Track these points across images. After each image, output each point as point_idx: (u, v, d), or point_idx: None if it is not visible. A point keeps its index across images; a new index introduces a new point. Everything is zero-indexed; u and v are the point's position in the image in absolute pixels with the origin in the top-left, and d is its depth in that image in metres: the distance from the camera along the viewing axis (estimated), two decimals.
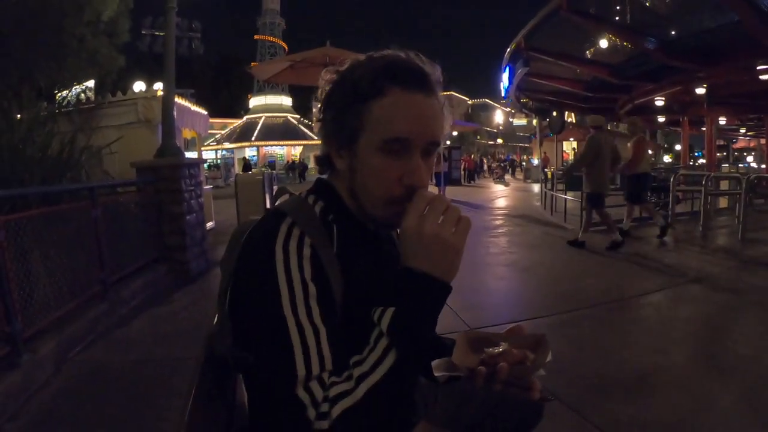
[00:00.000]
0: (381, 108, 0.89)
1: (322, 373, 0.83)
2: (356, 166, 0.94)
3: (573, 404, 2.53)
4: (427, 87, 0.91)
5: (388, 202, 0.92)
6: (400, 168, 0.90)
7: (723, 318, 3.93)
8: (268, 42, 46.34)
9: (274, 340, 0.84)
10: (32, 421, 2.58)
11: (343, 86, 0.94)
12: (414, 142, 0.90)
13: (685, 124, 19.59)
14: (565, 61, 15.04)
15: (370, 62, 0.93)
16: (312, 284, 0.86)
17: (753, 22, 9.43)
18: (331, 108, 0.95)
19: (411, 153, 0.90)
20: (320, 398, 0.80)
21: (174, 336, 3.79)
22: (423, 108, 0.90)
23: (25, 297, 3.16)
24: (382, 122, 0.89)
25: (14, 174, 3.92)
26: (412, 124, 0.89)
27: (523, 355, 0.89)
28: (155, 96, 7.31)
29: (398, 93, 0.89)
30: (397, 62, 0.91)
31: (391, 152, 0.90)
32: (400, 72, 0.90)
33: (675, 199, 8.62)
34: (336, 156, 0.97)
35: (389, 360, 0.82)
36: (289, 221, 0.91)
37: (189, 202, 5.76)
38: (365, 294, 0.92)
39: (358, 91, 0.90)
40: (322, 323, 0.84)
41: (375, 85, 0.89)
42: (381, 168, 0.90)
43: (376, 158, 0.90)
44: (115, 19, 8.46)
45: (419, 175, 0.91)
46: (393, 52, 0.94)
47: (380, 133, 0.89)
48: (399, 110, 0.89)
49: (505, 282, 5.31)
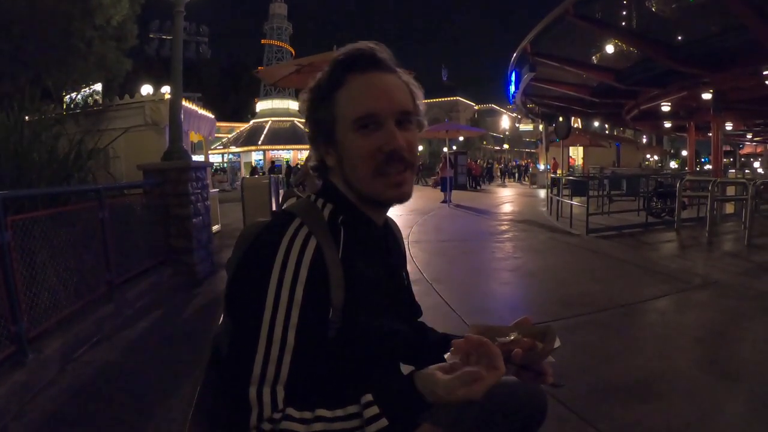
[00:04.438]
0: (345, 94, 0.96)
1: (276, 385, 0.83)
2: (341, 154, 0.98)
3: (578, 409, 2.52)
4: (382, 66, 0.98)
5: (375, 174, 0.96)
6: (377, 139, 0.95)
7: (729, 324, 3.90)
8: (275, 46, 46.60)
9: (244, 335, 0.87)
10: (37, 420, 2.59)
11: (313, 93, 1.02)
12: (382, 114, 0.95)
13: (691, 130, 19.52)
14: (571, 66, 15.02)
15: (330, 63, 1.00)
16: (301, 291, 0.87)
17: (759, 27, 9.39)
18: (310, 116, 1.02)
19: (384, 125, 0.95)
20: (266, 415, 0.81)
21: (179, 338, 3.80)
22: (382, 83, 0.97)
23: (32, 297, 3.18)
24: (349, 106, 0.95)
25: (22, 175, 3.95)
26: (375, 100, 0.95)
27: (532, 343, 0.92)
28: (162, 99, 7.36)
29: (356, 77, 0.96)
30: (349, 52, 0.98)
31: (365, 128, 0.95)
32: (354, 59, 0.97)
33: (681, 205, 8.58)
34: (326, 156, 1.03)
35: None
36: (298, 222, 0.93)
37: (195, 205, 5.78)
38: (367, 297, 0.95)
39: (324, 89, 0.98)
40: (294, 335, 0.85)
41: (334, 77, 0.97)
42: (360, 145, 0.95)
43: (353, 139, 0.96)
44: (123, 23, 8.53)
45: (396, 140, 0.95)
46: (345, 47, 1.01)
47: (349, 115, 0.95)
48: (361, 91, 0.95)
49: (510, 287, 5.30)
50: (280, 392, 0.83)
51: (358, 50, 0.98)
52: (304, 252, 0.89)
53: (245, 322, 0.88)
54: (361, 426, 0.81)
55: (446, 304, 4.45)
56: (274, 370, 0.84)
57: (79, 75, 7.54)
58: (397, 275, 1.14)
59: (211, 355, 1.07)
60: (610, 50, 13.85)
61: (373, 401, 0.82)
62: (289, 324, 0.85)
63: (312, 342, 0.87)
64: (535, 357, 0.91)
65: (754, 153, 41.59)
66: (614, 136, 36.01)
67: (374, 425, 0.80)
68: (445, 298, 4.62)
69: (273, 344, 0.84)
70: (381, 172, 0.95)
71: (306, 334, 0.86)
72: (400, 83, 1.00)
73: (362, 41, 1.00)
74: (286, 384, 0.84)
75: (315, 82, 1.02)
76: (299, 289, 0.87)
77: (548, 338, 0.93)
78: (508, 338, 0.92)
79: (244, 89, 50.48)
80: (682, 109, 17.40)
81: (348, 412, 0.83)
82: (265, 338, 0.84)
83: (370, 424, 0.80)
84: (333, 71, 0.98)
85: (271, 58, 45.89)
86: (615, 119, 25.60)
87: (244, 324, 0.88)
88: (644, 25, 12.38)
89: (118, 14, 7.86)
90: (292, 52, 46.50)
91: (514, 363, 0.90)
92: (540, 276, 5.67)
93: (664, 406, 2.58)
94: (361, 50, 0.98)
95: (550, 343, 0.91)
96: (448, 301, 4.53)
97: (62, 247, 3.68)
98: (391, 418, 0.81)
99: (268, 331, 0.84)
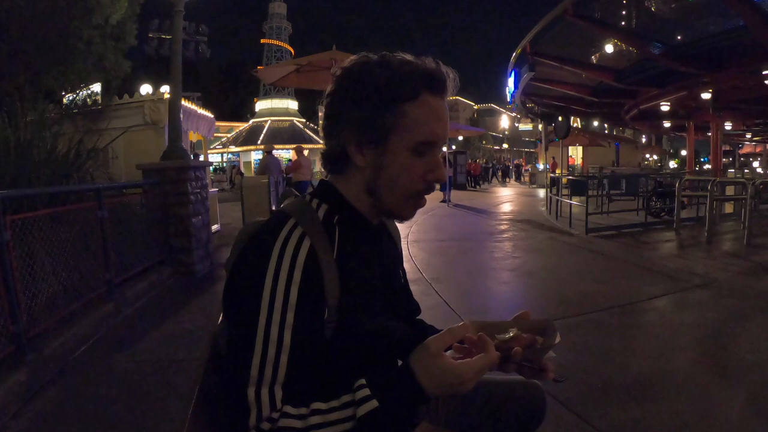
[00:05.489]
0: (416, 110, 0.94)
1: (274, 385, 0.84)
2: (384, 163, 0.97)
3: (577, 409, 2.52)
4: (447, 92, 0.99)
5: (410, 197, 0.99)
6: (424, 165, 0.97)
7: (729, 323, 3.90)
8: (274, 46, 46.55)
9: (240, 337, 0.87)
10: (36, 420, 2.59)
11: (369, 85, 0.94)
12: (440, 143, 0.98)
13: (690, 130, 19.51)
14: (571, 65, 15.03)
15: (399, 66, 0.95)
16: (296, 293, 0.87)
17: (758, 26, 9.39)
18: (355, 106, 0.95)
19: (434, 152, 0.98)
20: (265, 414, 0.82)
21: (178, 337, 3.80)
22: (445, 112, 0.98)
23: (31, 297, 3.18)
24: (416, 125, 0.94)
25: (21, 174, 3.95)
26: (440, 128, 0.97)
27: (532, 339, 0.92)
28: (162, 98, 7.36)
29: (429, 98, 0.95)
30: (431, 70, 0.97)
31: (419, 152, 0.96)
32: (432, 78, 0.96)
33: (680, 204, 8.59)
34: (356, 153, 0.98)
35: (345, 427, 0.82)
36: (292, 223, 0.93)
37: (195, 204, 5.78)
38: (362, 297, 0.96)
39: (394, 94, 0.93)
40: (290, 336, 0.86)
41: (411, 89, 0.94)
42: (410, 166, 0.96)
43: (406, 157, 0.96)
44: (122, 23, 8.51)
45: (441, 172, 0.99)
46: (417, 58, 0.98)
47: (414, 135, 0.95)
48: (431, 115, 0.95)
49: (509, 286, 5.30)
50: (278, 392, 0.84)
51: (438, 71, 0.97)
52: (298, 253, 0.89)
53: (242, 324, 0.89)
54: (351, 402, 0.83)
55: (445, 303, 4.45)
56: (272, 370, 0.84)
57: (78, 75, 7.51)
58: (393, 274, 1.14)
59: (210, 353, 1.07)
60: (609, 50, 13.87)
61: (365, 384, 0.84)
62: (285, 325, 0.86)
63: (308, 342, 0.88)
64: (536, 353, 0.91)
65: (754, 153, 41.60)
66: (613, 135, 36.04)
67: (365, 406, 0.81)
68: (445, 297, 4.63)
69: (269, 346, 0.84)
70: (416, 195, 0.99)
71: (302, 334, 0.87)
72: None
73: (438, 61, 0.99)
74: (284, 384, 0.84)
75: (376, 75, 0.94)
76: (294, 290, 0.87)
77: (548, 333, 0.93)
78: (507, 335, 0.92)
79: (244, 89, 50.48)
80: (681, 109, 17.39)
81: (343, 401, 0.84)
82: (261, 340, 0.85)
83: (361, 405, 0.81)
84: (409, 80, 0.94)
85: (271, 57, 45.84)
86: (614, 119, 25.62)
87: (240, 326, 0.89)
88: (643, 24, 12.38)
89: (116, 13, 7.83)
90: (291, 51, 46.47)
91: (514, 361, 0.90)
92: (539, 275, 5.67)
93: (663, 405, 2.59)
94: (440, 72, 0.97)
95: (550, 338, 0.91)
96: (447, 300, 4.53)
97: (61, 247, 3.68)
98: (381, 400, 0.81)
99: (264, 332, 0.85)
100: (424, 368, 0.83)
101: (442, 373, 0.82)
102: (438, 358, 0.83)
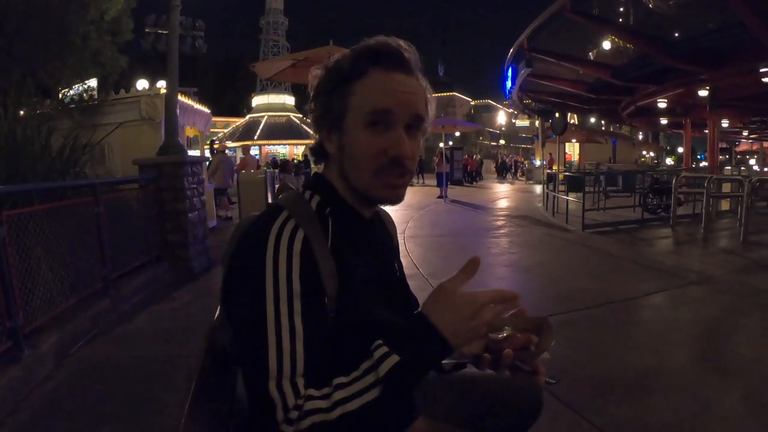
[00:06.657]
0: (364, 86, 0.94)
1: (295, 376, 0.83)
2: (344, 144, 0.98)
3: (573, 405, 2.53)
4: (406, 67, 0.97)
5: (375, 174, 0.96)
6: (384, 141, 0.95)
7: (724, 320, 3.92)
8: (271, 41, 46.34)
9: (251, 334, 0.86)
10: (32, 415, 2.59)
11: (328, 75, 1.00)
12: (396, 115, 0.94)
13: (687, 127, 19.52)
14: (568, 62, 15.00)
15: (352, 50, 0.98)
16: (298, 281, 0.87)
17: (756, 24, 9.39)
18: (320, 97, 1.01)
19: (394, 126, 0.95)
20: (291, 404, 0.81)
21: (175, 333, 3.79)
22: (403, 84, 0.96)
23: (27, 292, 3.17)
24: (366, 98, 0.94)
25: (16, 170, 3.93)
26: (393, 98, 0.94)
27: (526, 339, 0.90)
28: (158, 94, 7.33)
29: (379, 72, 0.95)
30: (377, 46, 0.97)
31: (375, 125, 0.94)
32: (381, 54, 0.96)
33: (677, 201, 8.61)
34: (327, 141, 1.02)
35: (372, 394, 0.81)
36: (285, 215, 0.93)
37: (191, 199, 5.76)
38: (359, 287, 0.95)
39: (343, 75, 0.96)
40: (301, 323, 0.85)
41: (357, 66, 0.95)
42: (367, 141, 0.95)
43: (362, 133, 0.95)
44: (118, 18, 8.47)
45: (403, 146, 0.95)
46: (374, 38, 0.99)
47: (364, 108, 0.94)
48: (381, 86, 0.94)
49: (505, 282, 5.30)
50: (300, 380, 0.83)
51: (386, 45, 0.96)
52: (293, 243, 0.89)
53: (249, 319, 0.87)
54: (373, 367, 0.82)
55: None
56: (290, 361, 0.83)
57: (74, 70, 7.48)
58: (389, 266, 1.14)
59: (206, 348, 1.07)
60: (606, 46, 13.84)
61: (381, 343, 0.83)
62: (294, 313, 0.85)
63: (319, 324, 0.87)
64: (529, 356, 0.90)
65: (750, 150, 41.68)
66: (610, 132, 36.09)
67: (386, 363, 0.81)
68: None
69: (283, 336, 0.83)
70: (381, 173, 0.95)
71: (312, 318, 0.86)
72: (419, 87, 0.99)
73: (393, 37, 0.99)
74: (304, 372, 0.84)
75: (333, 63, 1.00)
76: (295, 278, 0.86)
77: (544, 333, 0.91)
78: (500, 335, 0.91)
79: (240, 84, 50.21)
80: (678, 106, 17.40)
81: (362, 369, 0.83)
82: (273, 332, 0.83)
83: (381, 364, 0.81)
84: (357, 59, 0.96)
85: (267, 52, 45.63)
86: (611, 115, 25.60)
87: (248, 321, 0.87)
88: (641, 21, 12.36)
89: (113, 8, 7.80)
90: (288, 46, 46.28)
91: (506, 363, 0.90)
92: (536, 271, 5.68)
93: (659, 401, 2.60)
94: (389, 46, 0.96)
95: (545, 339, 0.90)
96: None
97: (58, 243, 3.67)
98: (401, 353, 0.81)
99: (275, 325, 0.84)
100: (438, 309, 0.84)
101: (453, 307, 0.83)
102: (451, 294, 0.84)
